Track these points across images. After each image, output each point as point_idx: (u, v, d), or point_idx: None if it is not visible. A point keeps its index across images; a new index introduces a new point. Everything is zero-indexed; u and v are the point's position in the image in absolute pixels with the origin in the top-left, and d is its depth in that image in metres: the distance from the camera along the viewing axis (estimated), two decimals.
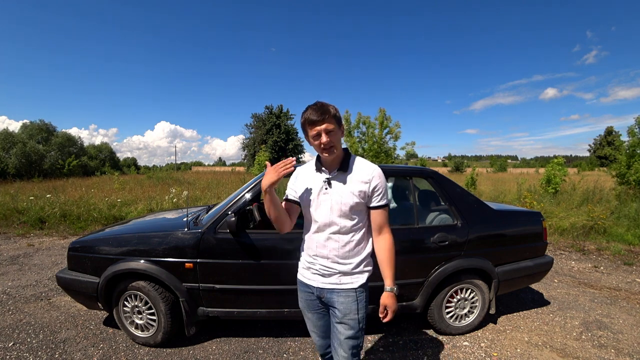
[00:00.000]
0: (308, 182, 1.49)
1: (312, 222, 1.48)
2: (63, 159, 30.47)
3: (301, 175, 1.54)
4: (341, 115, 1.46)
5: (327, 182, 1.43)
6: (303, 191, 1.49)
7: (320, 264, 1.45)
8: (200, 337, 2.63)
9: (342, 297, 1.43)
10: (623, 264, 4.74)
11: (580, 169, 40.30)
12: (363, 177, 1.42)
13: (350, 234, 1.43)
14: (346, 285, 1.43)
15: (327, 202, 1.42)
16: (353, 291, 1.43)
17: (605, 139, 57.30)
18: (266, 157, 15.66)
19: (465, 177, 13.75)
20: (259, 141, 33.57)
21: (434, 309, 2.62)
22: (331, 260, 1.44)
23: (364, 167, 1.44)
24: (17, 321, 2.89)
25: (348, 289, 1.43)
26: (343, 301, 1.42)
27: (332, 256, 1.43)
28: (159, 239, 2.39)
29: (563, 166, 9.93)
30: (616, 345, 2.61)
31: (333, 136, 1.36)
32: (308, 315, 1.57)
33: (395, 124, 11.36)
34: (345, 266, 1.43)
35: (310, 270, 1.51)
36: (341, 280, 1.44)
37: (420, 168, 3.09)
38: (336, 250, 1.43)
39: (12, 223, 6.88)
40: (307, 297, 1.53)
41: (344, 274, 1.44)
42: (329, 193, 1.42)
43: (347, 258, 1.43)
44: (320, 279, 1.47)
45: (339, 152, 1.42)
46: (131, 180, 15.86)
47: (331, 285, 1.44)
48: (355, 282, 1.44)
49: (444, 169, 50.87)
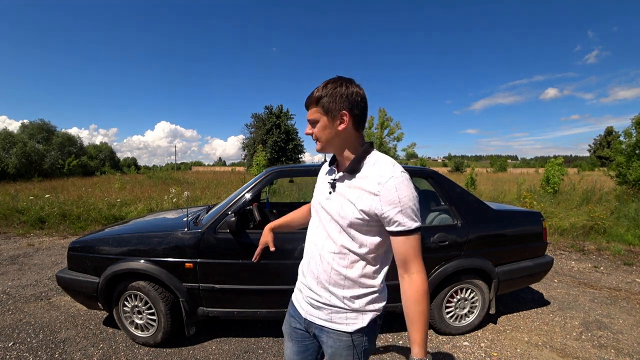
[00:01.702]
0: (320, 181, 1.21)
1: (310, 230, 1.20)
2: (63, 158, 30.49)
3: (322, 171, 1.25)
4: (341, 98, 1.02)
5: (331, 185, 1.11)
6: (315, 191, 1.23)
7: (309, 288, 1.12)
8: (200, 337, 2.63)
9: (332, 341, 1.06)
10: (623, 264, 4.74)
11: (581, 169, 40.32)
12: (370, 185, 0.99)
13: (345, 260, 1.05)
14: (338, 326, 1.05)
15: (327, 211, 1.09)
16: (347, 335, 1.04)
17: (605, 139, 57.34)
18: (264, 157, 15.65)
19: (465, 177, 13.75)
20: (259, 141, 33.57)
21: (434, 309, 2.62)
22: (320, 285, 1.08)
23: (375, 171, 1.00)
24: (17, 321, 2.89)
25: (340, 332, 1.05)
26: (332, 345, 1.06)
27: (322, 280, 1.07)
28: (159, 238, 2.39)
29: (562, 166, 9.96)
30: (616, 345, 2.61)
31: (317, 127, 1.05)
32: (288, 344, 1.23)
33: (396, 124, 11.36)
34: (337, 299, 1.05)
35: (302, 294, 1.17)
36: (332, 317, 1.06)
37: (420, 168, 3.09)
38: (326, 274, 1.06)
39: (12, 223, 6.88)
40: (294, 324, 1.21)
41: (336, 308, 1.05)
42: (331, 199, 1.08)
43: (342, 287, 1.05)
44: (308, 308, 1.12)
45: (336, 148, 1.09)
46: (131, 180, 15.87)
47: (320, 322, 1.08)
48: (351, 325, 1.04)
49: (444, 169, 50.91)
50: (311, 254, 1.13)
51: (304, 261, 1.18)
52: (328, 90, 1.02)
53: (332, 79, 1.05)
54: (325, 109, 1.02)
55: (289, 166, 2.68)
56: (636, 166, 8.68)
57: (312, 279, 1.11)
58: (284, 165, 2.75)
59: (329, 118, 1.03)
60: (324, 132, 1.05)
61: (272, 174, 2.60)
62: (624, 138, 9.49)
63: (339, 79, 1.05)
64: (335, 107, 1.02)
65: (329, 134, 1.05)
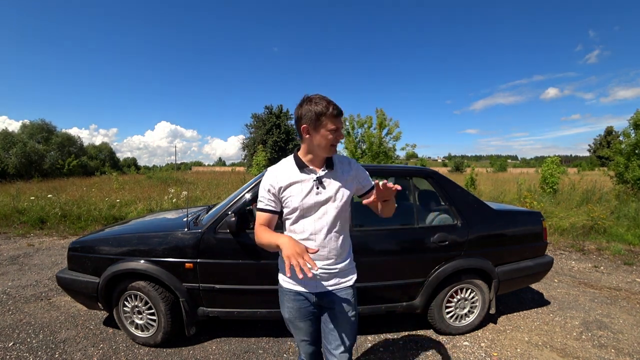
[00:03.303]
0: (294, 185, 1.36)
1: (304, 227, 1.37)
2: (63, 158, 30.47)
3: (282, 178, 1.37)
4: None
5: (317, 182, 1.36)
6: (289, 196, 1.36)
7: (321, 268, 1.38)
8: (200, 337, 2.63)
9: (342, 295, 1.42)
10: (623, 264, 4.74)
11: (581, 168, 40.31)
12: (349, 170, 1.43)
13: (344, 232, 1.42)
14: (344, 283, 1.44)
15: (322, 204, 1.36)
16: (350, 288, 1.45)
17: (605, 139, 57.33)
18: (264, 157, 15.63)
19: (465, 177, 13.74)
20: (259, 141, 33.59)
21: (434, 309, 2.62)
22: (332, 261, 1.40)
23: (342, 160, 1.46)
24: (17, 321, 2.89)
25: (347, 287, 1.44)
26: (343, 299, 1.42)
27: (332, 256, 1.39)
28: (159, 239, 2.40)
29: (558, 165, 9.95)
30: (616, 345, 2.61)
31: (340, 134, 1.36)
32: (299, 325, 1.47)
33: (395, 124, 11.32)
34: (342, 264, 1.43)
35: (311, 274, 1.37)
36: (339, 280, 1.43)
37: (420, 168, 3.09)
38: (335, 250, 1.40)
39: (12, 223, 6.88)
40: (300, 305, 1.43)
41: (341, 272, 1.43)
42: (322, 193, 1.36)
43: (342, 255, 1.43)
44: (319, 283, 1.40)
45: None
46: (131, 180, 15.86)
47: (331, 287, 1.41)
48: (351, 279, 1.46)
49: (444, 169, 50.88)
50: (313, 244, 1.36)
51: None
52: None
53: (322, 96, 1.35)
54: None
55: None
56: (634, 166, 8.70)
57: (323, 260, 1.39)
58: None
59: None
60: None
61: None
62: (623, 138, 9.53)
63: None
64: None
65: None
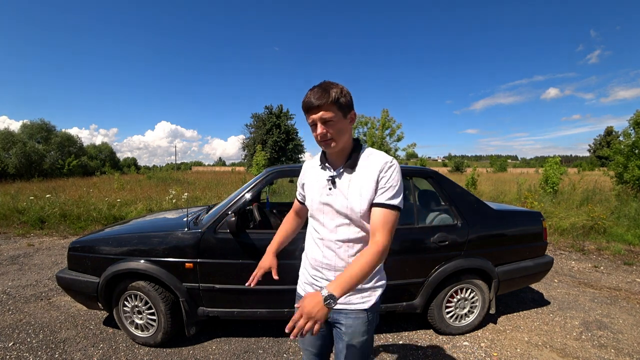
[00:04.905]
0: (312, 181, 1.28)
1: (316, 228, 1.27)
2: (63, 159, 30.48)
3: (307, 172, 1.33)
4: (350, 98, 1.15)
5: (330, 181, 1.20)
6: (307, 192, 1.29)
7: (327, 279, 1.22)
8: (200, 337, 2.63)
9: (351, 320, 1.20)
10: (623, 264, 4.74)
11: (581, 169, 40.30)
12: (371, 174, 1.14)
13: (360, 244, 1.19)
14: (356, 305, 1.20)
15: (332, 206, 1.19)
16: (364, 312, 1.20)
17: (605, 139, 57.30)
18: (264, 157, 15.65)
19: (465, 177, 13.74)
20: (259, 141, 33.58)
21: (434, 309, 2.62)
22: (339, 272, 1.21)
23: (374, 161, 1.16)
24: (17, 321, 2.89)
25: (358, 310, 1.20)
26: (352, 324, 1.20)
27: (340, 267, 1.20)
28: (159, 238, 2.39)
29: (560, 165, 9.97)
30: (616, 345, 2.61)
31: (332, 127, 1.11)
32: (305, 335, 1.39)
33: (397, 125, 11.35)
34: None
35: (313, 287, 1.28)
36: (350, 299, 1.20)
37: (420, 168, 3.09)
38: (345, 261, 1.20)
39: (12, 223, 6.88)
40: None
41: (355, 291, 1.20)
42: (333, 194, 1.18)
43: None
44: None
45: (343, 145, 1.16)
46: (131, 180, 15.86)
47: (339, 306, 1.20)
48: (366, 302, 1.21)
49: (444, 168, 50.87)
50: (323, 250, 1.23)
51: (316, 255, 1.25)
52: (339, 90, 1.10)
53: (328, 81, 1.14)
54: (342, 108, 1.11)
55: (289, 166, 2.68)
56: (633, 166, 8.72)
57: (330, 270, 1.22)
58: (284, 165, 2.75)
59: (344, 117, 1.13)
60: (341, 131, 1.13)
61: (272, 174, 2.59)
62: (623, 139, 9.57)
63: (332, 82, 1.14)
64: (348, 106, 1.13)
65: (344, 132, 1.15)
